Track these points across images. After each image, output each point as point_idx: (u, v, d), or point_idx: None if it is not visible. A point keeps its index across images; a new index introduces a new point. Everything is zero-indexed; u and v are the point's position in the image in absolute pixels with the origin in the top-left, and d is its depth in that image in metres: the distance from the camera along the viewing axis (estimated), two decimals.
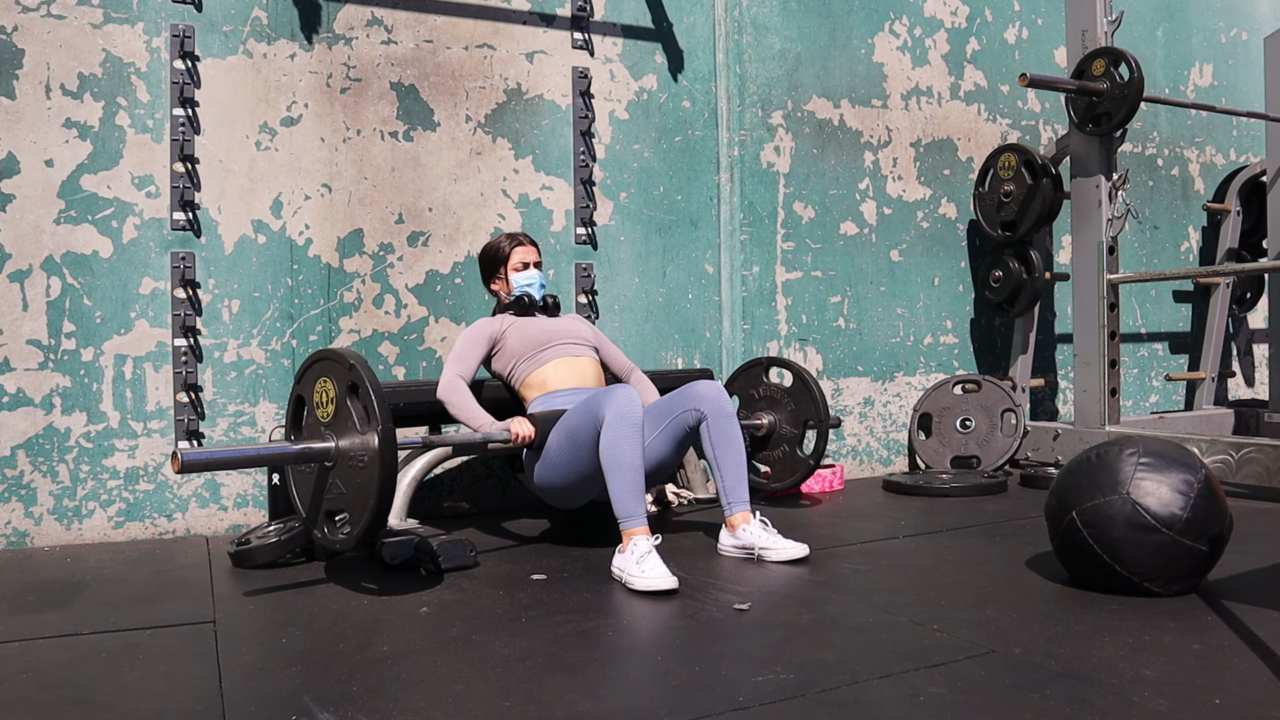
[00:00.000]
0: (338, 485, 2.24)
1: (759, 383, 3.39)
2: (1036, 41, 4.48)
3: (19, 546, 2.85)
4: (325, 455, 2.25)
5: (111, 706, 1.58)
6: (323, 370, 2.29)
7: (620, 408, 2.39)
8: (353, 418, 2.18)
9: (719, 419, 2.60)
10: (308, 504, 2.38)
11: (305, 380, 2.36)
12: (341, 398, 2.21)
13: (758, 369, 3.40)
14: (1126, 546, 2.04)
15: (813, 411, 3.21)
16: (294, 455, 2.29)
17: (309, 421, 2.35)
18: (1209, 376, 4.67)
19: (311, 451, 2.26)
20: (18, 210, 2.85)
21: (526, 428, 2.60)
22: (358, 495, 2.17)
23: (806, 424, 3.24)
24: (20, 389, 2.85)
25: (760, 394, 3.38)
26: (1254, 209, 4.70)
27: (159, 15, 3.00)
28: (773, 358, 3.39)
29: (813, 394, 3.20)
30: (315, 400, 2.31)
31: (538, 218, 3.47)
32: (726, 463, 2.60)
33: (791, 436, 3.28)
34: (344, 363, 2.19)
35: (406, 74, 3.29)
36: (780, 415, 3.31)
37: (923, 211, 4.18)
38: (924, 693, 1.56)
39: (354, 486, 2.18)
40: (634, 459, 2.37)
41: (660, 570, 2.22)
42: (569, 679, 1.66)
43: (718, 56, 3.77)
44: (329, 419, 2.26)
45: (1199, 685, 1.56)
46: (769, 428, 3.32)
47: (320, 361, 2.31)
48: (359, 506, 2.17)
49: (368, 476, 2.13)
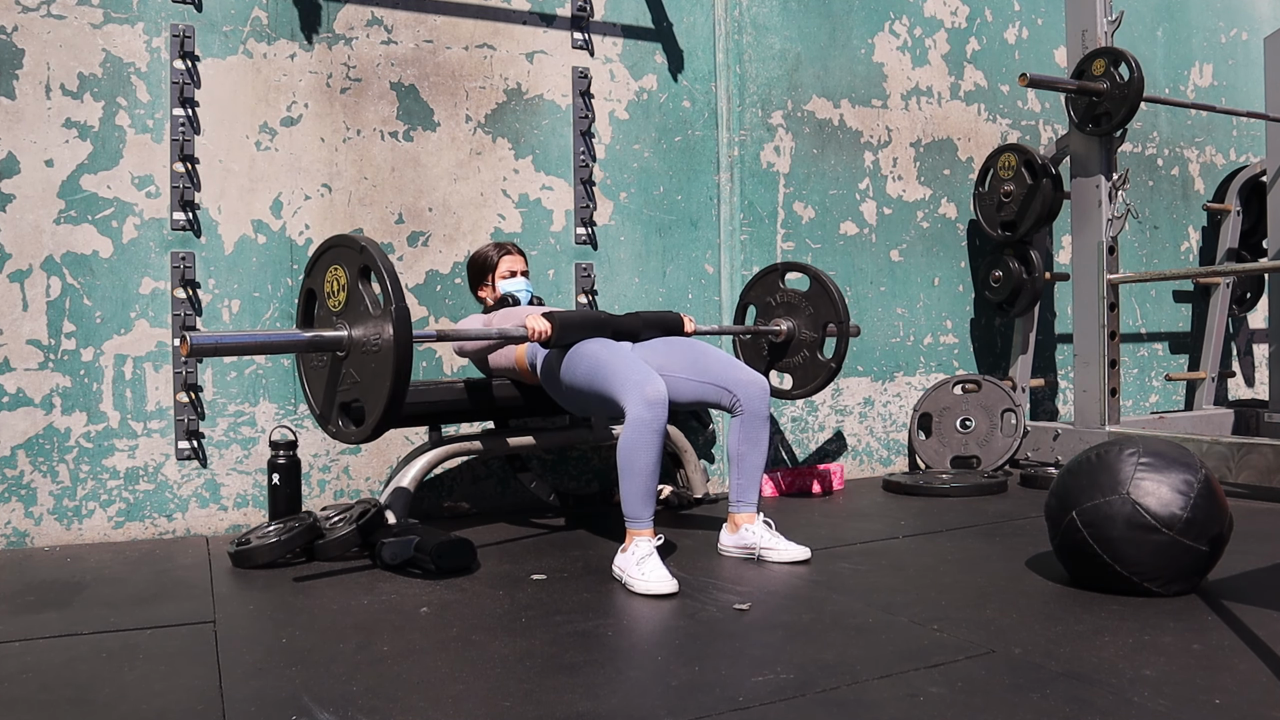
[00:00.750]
0: (352, 374, 2.19)
1: (775, 289, 3.33)
2: (1036, 41, 4.48)
3: (19, 546, 2.85)
4: (338, 344, 2.20)
5: (111, 706, 1.58)
6: (333, 258, 2.23)
7: (643, 412, 2.33)
8: (365, 303, 2.14)
9: (754, 420, 2.59)
10: (321, 399, 2.33)
11: (315, 272, 2.30)
12: (353, 283, 2.16)
13: (773, 275, 3.34)
14: (1126, 546, 2.04)
15: (832, 313, 3.16)
16: (305, 343, 2.23)
17: (320, 314, 2.30)
18: (1209, 376, 4.67)
19: (323, 339, 2.21)
20: (18, 210, 2.85)
21: (543, 324, 2.55)
22: (373, 380, 2.12)
23: (826, 327, 3.21)
24: (20, 389, 2.85)
25: (777, 300, 3.32)
26: (1254, 209, 4.70)
27: (159, 15, 3.00)
28: (789, 262, 3.33)
29: (832, 296, 3.14)
30: (326, 290, 2.26)
31: (538, 218, 3.47)
32: (747, 463, 2.60)
33: (811, 341, 3.23)
34: (355, 246, 2.14)
35: (406, 74, 3.29)
36: (799, 320, 3.26)
37: (923, 211, 4.18)
38: (924, 693, 1.56)
39: (368, 372, 2.13)
40: (649, 465, 2.34)
41: (660, 573, 2.22)
42: (569, 679, 1.66)
43: (718, 56, 3.77)
44: (340, 307, 2.21)
45: (1199, 685, 1.56)
46: (788, 334, 3.27)
47: (330, 249, 2.25)
48: (375, 392, 2.11)
49: (382, 360, 2.08)
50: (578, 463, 3.51)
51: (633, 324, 2.74)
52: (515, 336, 2.56)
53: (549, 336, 2.55)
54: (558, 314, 2.59)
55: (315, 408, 2.37)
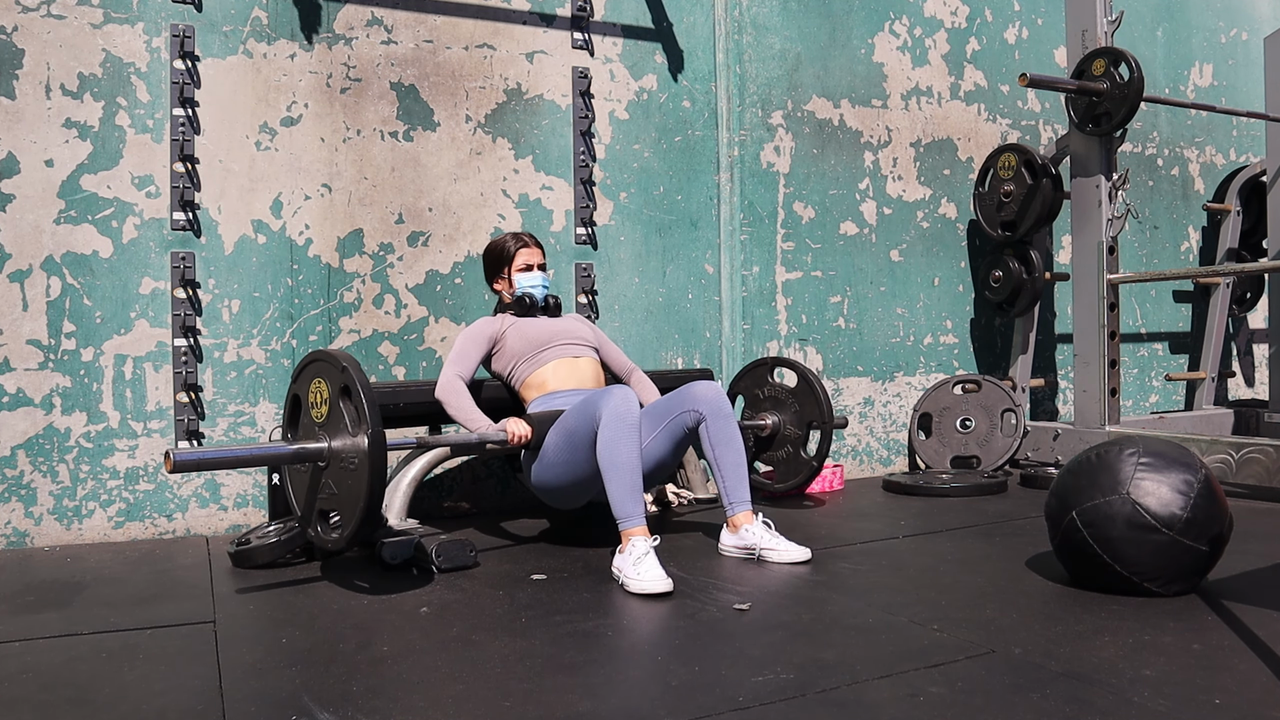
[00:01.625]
0: (330, 485, 2.25)
1: (764, 383, 3.38)
2: (1036, 41, 4.48)
3: (19, 546, 2.85)
4: (319, 455, 2.26)
5: (111, 706, 1.58)
6: (317, 371, 2.30)
7: (616, 408, 2.39)
8: (345, 419, 2.19)
9: (717, 420, 2.60)
10: (303, 503, 2.39)
11: (301, 380, 2.37)
12: (335, 399, 2.22)
13: (762, 369, 3.40)
14: (1126, 546, 2.04)
15: (816, 413, 3.21)
16: (288, 455, 2.30)
17: (304, 421, 2.35)
18: (1209, 376, 4.67)
19: (305, 452, 2.27)
20: (18, 210, 2.85)
21: (523, 428, 2.60)
22: (349, 496, 2.18)
23: (810, 425, 3.24)
24: (20, 389, 2.85)
25: (765, 394, 3.37)
26: (1254, 209, 4.70)
27: (159, 15, 3.00)
28: (777, 358, 3.39)
29: (817, 395, 3.20)
30: (310, 400, 2.31)
31: (538, 218, 3.47)
32: (726, 463, 2.60)
33: (795, 437, 3.28)
34: (336, 365, 2.20)
35: (406, 74, 3.29)
36: (785, 416, 3.31)
37: (923, 211, 4.18)
38: (924, 693, 1.56)
39: (345, 488, 2.19)
40: (631, 459, 2.37)
41: (656, 573, 2.22)
42: (569, 679, 1.66)
43: (718, 56, 3.77)
44: (323, 419, 2.27)
45: (1199, 685, 1.56)
46: (773, 428, 3.32)
47: (314, 363, 2.32)
48: (350, 507, 2.18)
49: (358, 479, 2.13)
50: None
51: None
52: (496, 441, 2.59)
53: (529, 440, 2.62)
54: (535, 416, 2.65)
55: (297, 510, 2.43)
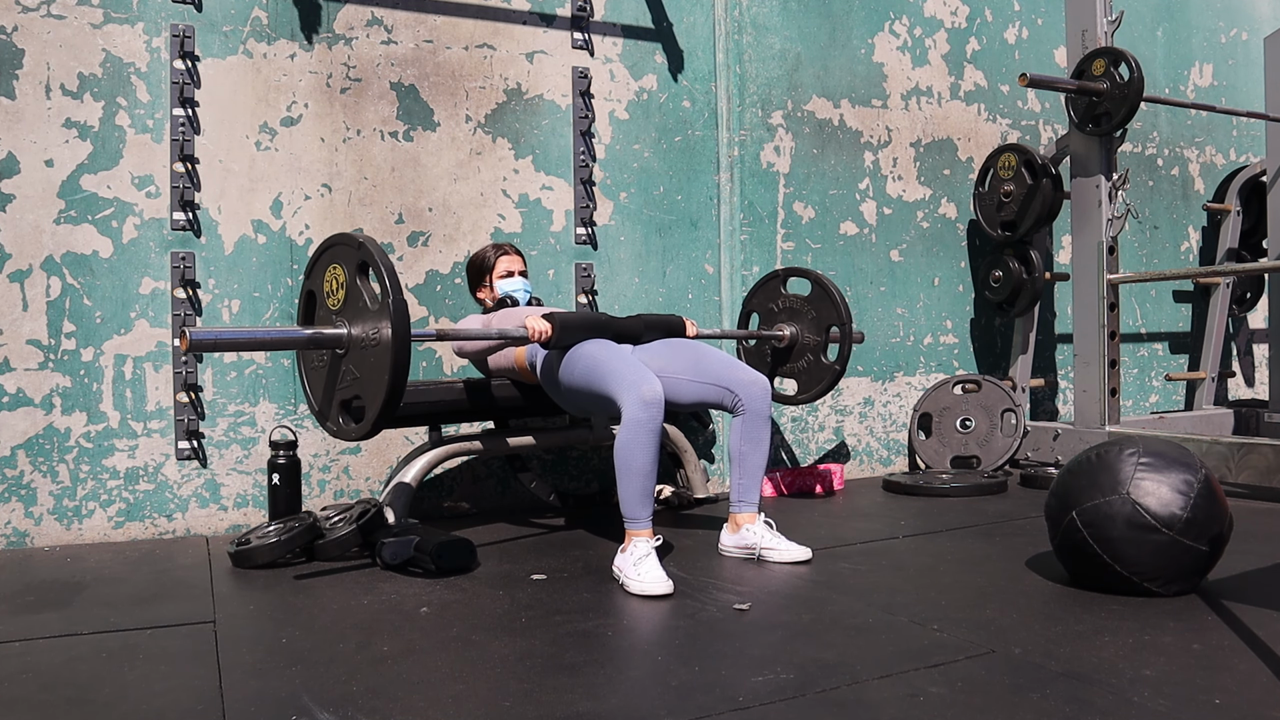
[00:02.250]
0: (351, 371, 2.21)
1: (777, 295, 3.35)
2: (1036, 41, 4.48)
3: (19, 546, 2.85)
4: (337, 341, 2.22)
5: (111, 706, 1.58)
6: (332, 257, 2.26)
7: (640, 413, 2.34)
8: (364, 298, 2.15)
9: (756, 420, 2.59)
10: (320, 396, 2.35)
11: (314, 273, 2.33)
12: (351, 280, 2.18)
13: (775, 281, 3.36)
14: (1126, 546, 2.04)
15: (835, 316, 3.17)
16: (305, 339, 2.26)
17: (320, 315, 2.32)
18: (1209, 376, 4.67)
19: (323, 336, 2.23)
20: (18, 210, 2.85)
21: (543, 324, 2.56)
22: (372, 375, 2.13)
23: (829, 330, 3.22)
24: (20, 389, 2.85)
25: (780, 306, 3.33)
26: (1254, 209, 4.69)
27: (159, 15, 3.00)
28: (790, 268, 3.35)
29: (834, 299, 3.15)
30: (325, 290, 2.28)
31: (538, 218, 3.47)
32: (749, 463, 2.60)
33: (815, 345, 3.25)
34: (352, 242, 2.17)
35: (406, 74, 3.29)
36: (802, 325, 3.27)
37: (923, 211, 4.18)
38: (924, 693, 1.56)
39: (367, 368, 2.15)
40: (646, 465, 2.35)
41: (656, 574, 2.22)
42: (569, 679, 1.66)
43: (718, 56, 3.77)
44: (339, 306, 2.23)
45: (1199, 685, 1.56)
46: (791, 338, 3.29)
47: (329, 249, 2.28)
48: (374, 386, 2.13)
49: (381, 354, 2.09)
50: (578, 463, 3.51)
51: (634, 326, 2.74)
52: (515, 337, 2.56)
53: (549, 337, 2.55)
54: (558, 314, 2.59)
55: (314, 405, 2.39)
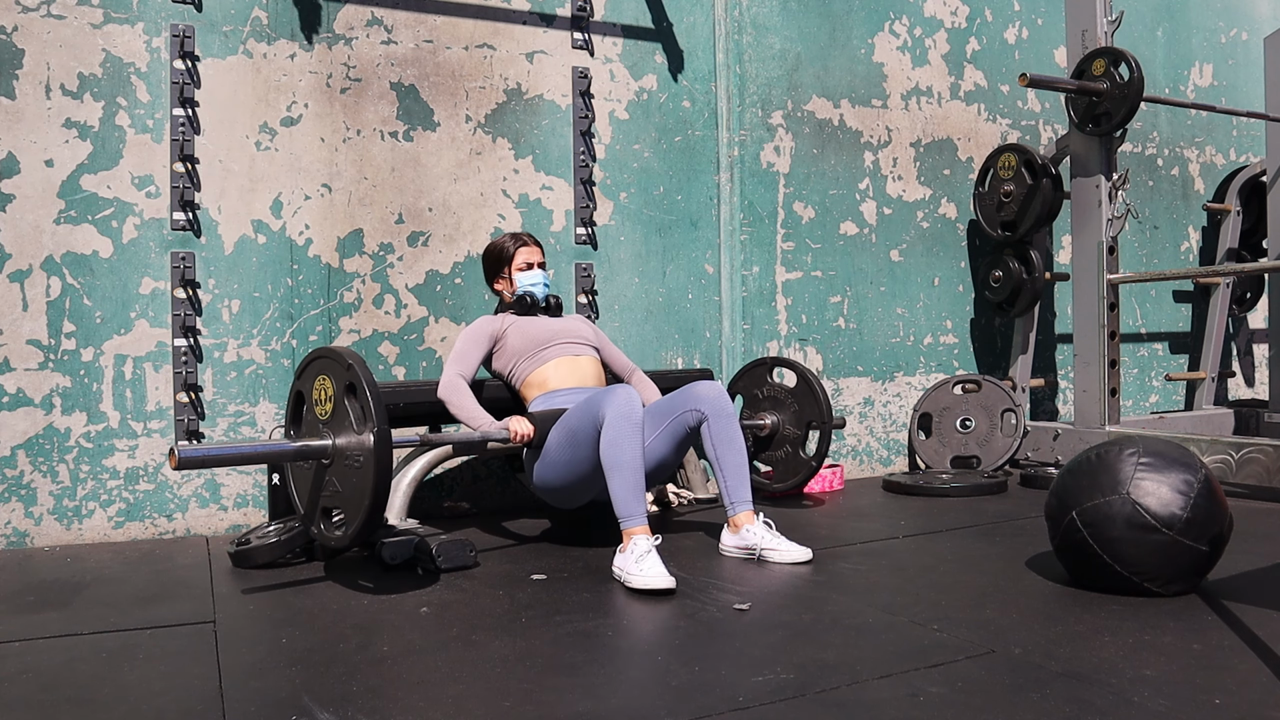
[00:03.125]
0: (334, 483, 2.25)
1: (763, 383, 3.39)
2: (1036, 41, 4.48)
3: (19, 546, 2.85)
4: (322, 453, 2.25)
5: (111, 706, 1.58)
6: (321, 368, 2.29)
7: (620, 407, 2.39)
8: (350, 417, 2.18)
9: (720, 419, 2.60)
10: (305, 500, 2.38)
11: (305, 377, 2.36)
12: (340, 396, 2.21)
13: (762, 369, 3.40)
14: (1126, 546, 2.04)
15: (816, 413, 3.21)
16: (291, 453, 2.29)
17: (308, 418, 2.35)
18: (1209, 376, 4.67)
19: (309, 449, 2.26)
20: (18, 210, 2.85)
21: (525, 426, 2.60)
22: (353, 494, 2.17)
23: (810, 425, 3.25)
24: (20, 389, 2.85)
25: (764, 394, 3.37)
26: (1254, 209, 4.70)
27: (159, 15, 3.00)
28: (777, 358, 3.39)
29: (816, 395, 3.20)
30: (314, 398, 2.31)
31: (538, 218, 3.47)
32: (728, 463, 2.60)
33: (794, 437, 3.28)
34: (342, 362, 2.20)
35: (406, 74, 3.29)
36: (784, 416, 3.31)
37: (923, 211, 4.18)
38: (924, 693, 1.56)
39: (350, 485, 2.19)
40: (634, 458, 2.37)
41: (658, 570, 2.22)
42: (569, 679, 1.66)
43: (718, 56, 3.77)
44: (327, 417, 2.26)
45: (1199, 685, 1.56)
46: (772, 428, 3.32)
47: (319, 359, 2.31)
48: (354, 506, 2.17)
49: (363, 476, 2.13)
50: None
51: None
52: (498, 439, 2.59)
53: (532, 438, 2.61)
54: (537, 415, 2.65)
55: (299, 508, 2.42)
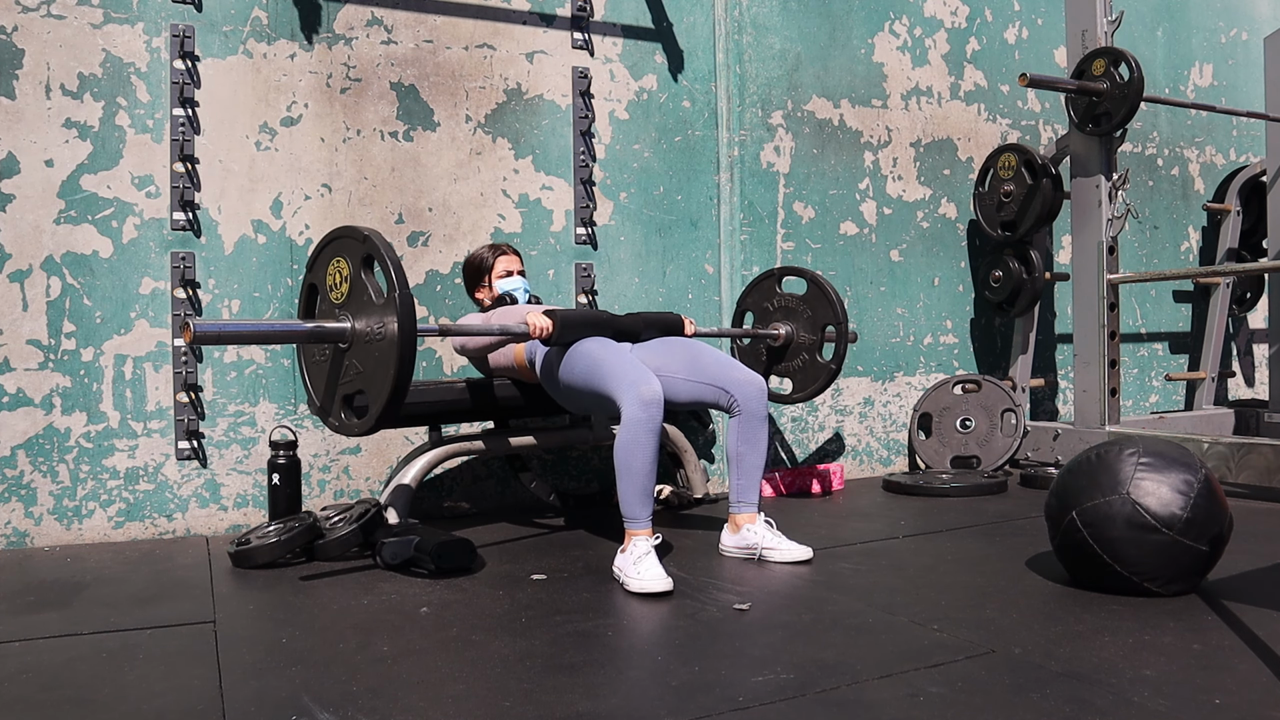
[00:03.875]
0: (355, 365, 2.19)
1: (772, 294, 3.35)
2: (1036, 41, 4.48)
3: (19, 546, 2.85)
4: (340, 335, 2.20)
5: (111, 706, 1.58)
6: (336, 250, 2.24)
7: (638, 412, 2.34)
8: (369, 292, 2.13)
9: (752, 420, 2.59)
10: (322, 392, 2.33)
11: (317, 266, 2.31)
12: (356, 274, 2.16)
13: (770, 280, 3.36)
14: (1126, 546, 2.04)
15: (830, 315, 3.17)
16: (307, 333, 2.23)
17: (322, 308, 2.31)
18: (1209, 376, 4.67)
19: (326, 330, 2.20)
20: (18, 210, 2.85)
21: (544, 320, 2.56)
22: (377, 370, 2.11)
23: (824, 329, 3.22)
24: (20, 389, 2.85)
25: (775, 305, 3.34)
26: (1254, 209, 4.70)
27: (159, 15, 3.00)
28: (786, 266, 3.35)
29: (829, 299, 3.16)
30: (328, 283, 2.26)
31: (538, 218, 3.47)
32: (747, 463, 2.60)
33: (810, 344, 3.25)
34: (358, 235, 2.15)
35: (406, 74, 3.29)
36: (797, 324, 3.27)
37: (923, 211, 4.18)
38: (924, 693, 1.56)
39: (372, 362, 2.13)
40: (646, 464, 2.35)
41: (656, 572, 2.22)
42: (569, 679, 1.66)
43: (718, 56, 3.77)
44: (343, 299, 2.21)
45: (1199, 685, 1.56)
46: (786, 337, 3.29)
47: (333, 241, 2.26)
48: (379, 381, 2.11)
49: (386, 348, 2.07)
50: (578, 463, 3.51)
51: (633, 324, 2.74)
52: (516, 333, 2.57)
53: (550, 333, 2.56)
54: (559, 311, 2.60)
55: (316, 401, 2.37)
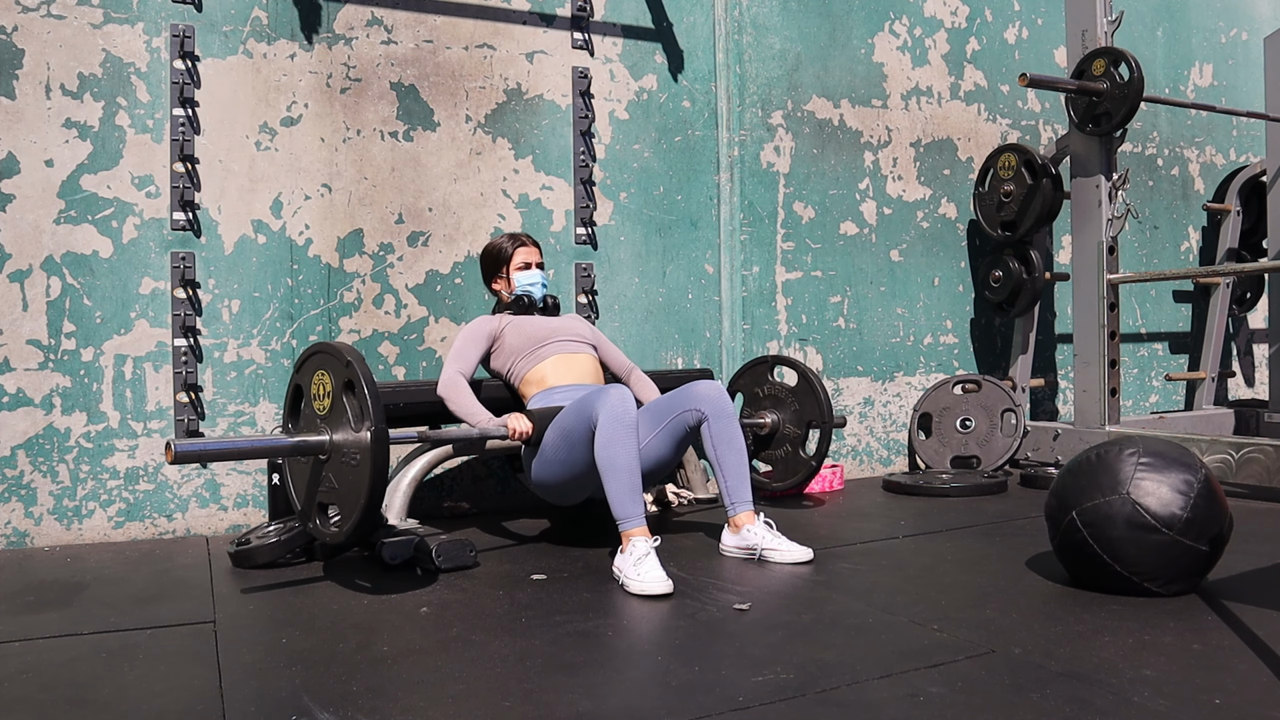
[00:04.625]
0: (331, 479, 2.24)
1: (764, 381, 3.38)
2: (1036, 41, 4.48)
3: (19, 546, 2.85)
4: (319, 449, 2.24)
5: (111, 706, 1.58)
6: (320, 363, 2.28)
7: (613, 409, 2.38)
8: (348, 414, 2.18)
9: (720, 419, 2.60)
10: (302, 495, 2.37)
11: (304, 371, 2.34)
12: (338, 392, 2.21)
13: (762, 367, 3.40)
14: (1126, 546, 2.04)
15: (816, 412, 3.21)
16: (288, 448, 2.27)
17: (306, 412, 2.34)
18: (1209, 376, 4.67)
19: (306, 445, 2.25)
20: (18, 210, 2.85)
21: (524, 424, 2.60)
22: (350, 492, 2.17)
23: (810, 424, 3.24)
24: (20, 389, 2.85)
25: (765, 392, 3.37)
26: (1254, 209, 4.70)
27: (159, 15, 3.00)
28: (778, 356, 3.39)
29: (817, 394, 3.19)
30: (313, 392, 2.29)
31: (538, 218, 3.47)
32: (728, 463, 2.60)
33: (795, 436, 3.28)
34: (341, 359, 2.19)
35: (406, 74, 3.29)
36: (784, 415, 3.31)
37: (923, 211, 4.18)
38: (924, 693, 1.56)
39: (346, 482, 2.18)
40: (629, 460, 2.36)
41: (656, 574, 2.22)
42: (569, 679, 1.66)
43: (718, 56, 3.77)
44: (325, 412, 2.25)
45: (1199, 685, 1.56)
46: (772, 427, 3.32)
47: (318, 354, 2.30)
48: (350, 503, 2.17)
49: (359, 475, 2.12)
50: None
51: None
52: (497, 436, 2.59)
53: (530, 435, 2.60)
54: (535, 412, 2.63)
55: (296, 504, 2.42)
